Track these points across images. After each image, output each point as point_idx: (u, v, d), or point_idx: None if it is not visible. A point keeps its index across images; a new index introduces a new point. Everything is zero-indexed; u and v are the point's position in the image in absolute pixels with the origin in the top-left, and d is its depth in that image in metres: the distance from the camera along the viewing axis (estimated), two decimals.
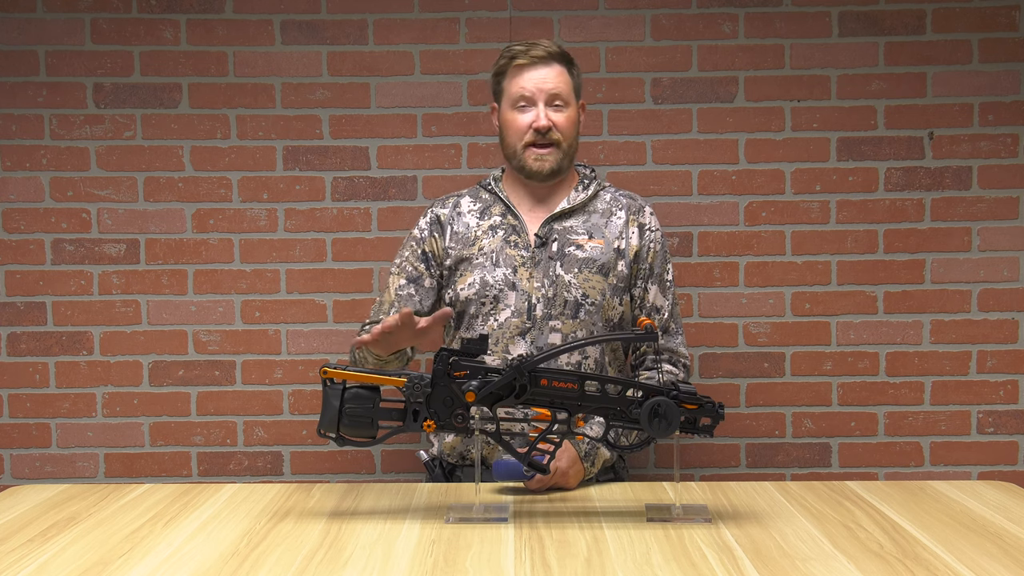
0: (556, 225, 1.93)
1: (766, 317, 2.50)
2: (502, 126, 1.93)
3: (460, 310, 1.92)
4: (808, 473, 2.51)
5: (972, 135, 2.48)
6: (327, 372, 1.48)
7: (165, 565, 1.30)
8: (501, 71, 1.92)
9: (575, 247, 1.91)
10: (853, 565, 1.27)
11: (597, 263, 1.91)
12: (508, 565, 1.28)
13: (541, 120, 1.86)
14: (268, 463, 2.51)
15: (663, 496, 1.62)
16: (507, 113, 1.91)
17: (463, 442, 1.91)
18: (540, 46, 1.90)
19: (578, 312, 1.88)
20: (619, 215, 1.97)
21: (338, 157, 2.48)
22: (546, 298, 1.88)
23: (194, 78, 2.47)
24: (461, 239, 1.94)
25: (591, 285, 1.89)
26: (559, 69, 1.90)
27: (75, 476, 2.50)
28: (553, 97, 1.87)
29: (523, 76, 1.88)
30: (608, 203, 1.98)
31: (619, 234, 1.95)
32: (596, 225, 1.94)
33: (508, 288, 1.89)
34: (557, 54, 1.91)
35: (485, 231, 1.93)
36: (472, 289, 1.90)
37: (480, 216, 1.96)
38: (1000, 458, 2.51)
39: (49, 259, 2.48)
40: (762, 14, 2.46)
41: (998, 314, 2.49)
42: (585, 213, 1.96)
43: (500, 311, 1.88)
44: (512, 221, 1.93)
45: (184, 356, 2.50)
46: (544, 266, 1.89)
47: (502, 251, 1.91)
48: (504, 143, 1.94)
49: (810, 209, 2.49)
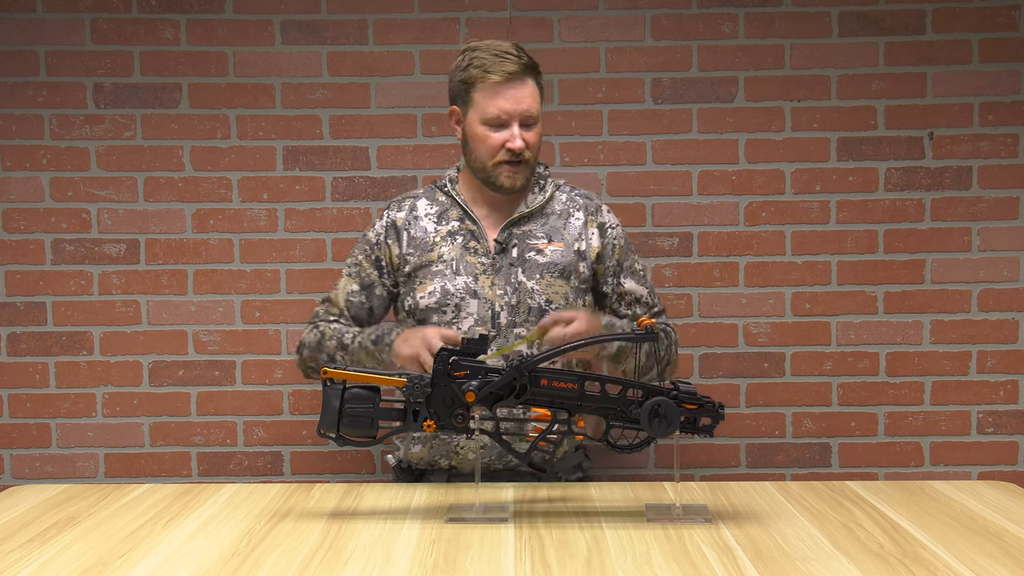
0: (515, 230, 1.92)
1: (766, 317, 2.50)
2: (470, 138, 1.89)
3: (420, 318, 1.90)
4: (808, 473, 2.51)
5: (972, 135, 2.48)
6: (327, 372, 1.48)
7: (165, 565, 1.30)
8: (470, 81, 1.86)
9: (535, 252, 1.90)
10: (853, 565, 1.27)
11: (558, 267, 1.90)
12: (508, 565, 1.28)
13: (517, 142, 1.84)
14: (268, 463, 2.51)
15: (663, 496, 1.62)
16: (477, 127, 1.86)
17: (430, 452, 1.90)
18: (510, 59, 1.84)
19: (542, 318, 1.86)
20: (577, 215, 1.96)
21: (338, 157, 2.48)
22: (509, 305, 1.87)
23: (194, 78, 2.47)
24: (419, 245, 1.92)
25: (554, 290, 1.89)
26: (531, 86, 1.86)
27: (75, 476, 2.50)
28: (527, 117, 1.85)
29: (499, 96, 1.83)
30: (565, 204, 1.97)
31: (578, 235, 1.94)
32: (555, 227, 1.93)
33: (470, 296, 1.87)
34: (528, 66, 1.86)
35: (444, 237, 1.91)
36: (433, 298, 1.88)
37: (437, 221, 1.93)
38: (1000, 458, 2.51)
39: (49, 259, 2.48)
40: (762, 14, 2.46)
41: (998, 314, 2.49)
42: (543, 216, 1.94)
43: (462, 319, 1.87)
44: (471, 227, 1.92)
45: (184, 356, 2.50)
46: (505, 273, 1.88)
47: (462, 259, 1.89)
48: (472, 155, 1.90)
49: (810, 209, 2.49)
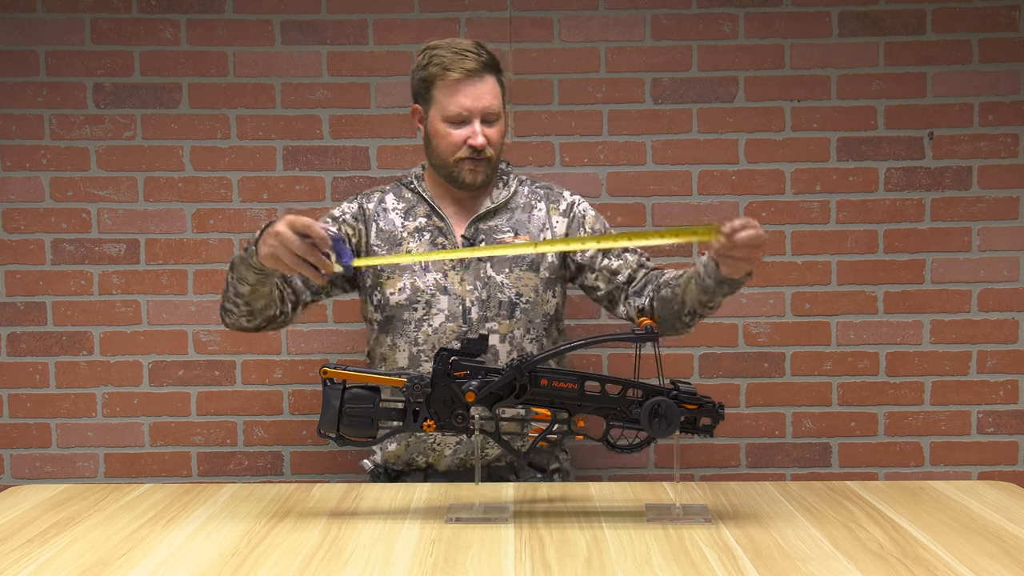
0: (481, 225, 1.94)
1: (766, 317, 2.50)
2: (432, 135, 1.91)
3: (389, 314, 1.91)
4: (808, 473, 2.51)
5: (972, 135, 2.48)
6: (327, 372, 1.48)
7: (165, 565, 1.30)
8: (430, 79, 1.88)
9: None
10: (853, 565, 1.27)
11: (526, 260, 1.93)
12: (508, 565, 1.28)
13: (478, 139, 1.85)
14: (268, 463, 2.51)
15: (663, 496, 1.61)
16: (438, 124, 1.88)
17: (407, 450, 1.91)
18: (469, 56, 1.85)
19: (513, 311, 1.90)
20: (539, 207, 1.98)
21: (338, 157, 2.48)
22: (480, 300, 1.89)
23: (194, 78, 2.47)
24: (387, 238, 1.94)
25: (523, 283, 1.91)
26: (492, 83, 1.88)
27: (75, 476, 2.50)
28: (488, 113, 1.87)
29: (458, 92, 1.85)
30: (527, 196, 2.00)
31: (542, 226, 1.97)
32: (520, 221, 1.96)
33: (440, 292, 1.89)
34: (488, 63, 1.87)
35: (411, 232, 1.93)
36: (403, 295, 1.89)
37: (404, 216, 1.95)
38: (1000, 458, 2.51)
39: (49, 259, 2.48)
40: (762, 14, 2.46)
41: (998, 314, 2.49)
42: (508, 210, 1.97)
43: (433, 316, 1.88)
44: (438, 223, 1.94)
45: (184, 356, 2.50)
46: (475, 268, 1.90)
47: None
48: (433, 153, 1.92)
49: (810, 209, 2.49)
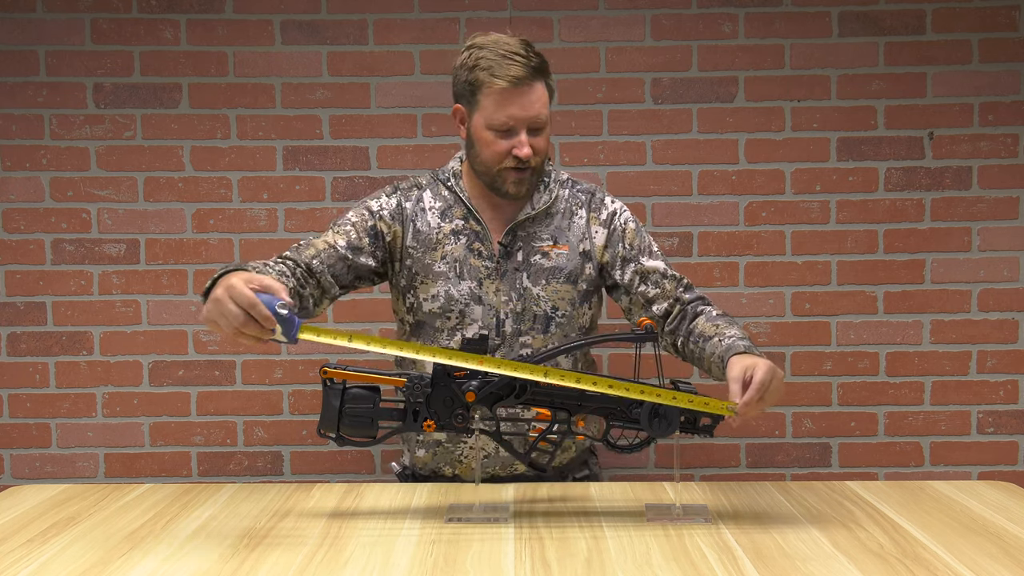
0: (520, 232, 1.87)
1: (766, 317, 2.50)
2: (475, 140, 1.82)
3: (421, 319, 1.86)
4: (808, 473, 2.51)
5: (972, 135, 2.48)
6: (327, 372, 1.48)
7: (165, 565, 1.30)
8: (475, 83, 1.78)
9: (540, 255, 1.86)
10: (853, 565, 1.27)
11: (564, 271, 1.86)
12: (508, 565, 1.28)
13: (524, 150, 1.77)
14: (268, 463, 2.51)
15: (663, 496, 1.61)
16: (483, 131, 1.80)
17: (434, 458, 1.89)
18: (517, 61, 1.74)
19: (548, 326, 1.83)
20: (580, 214, 1.90)
21: (338, 157, 2.48)
22: (515, 313, 1.83)
23: (194, 78, 2.47)
24: (424, 240, 1.87)
25: (560, 296, 1.85)
26: (540, 90, 1.78)
27: (75, 476, 2.50)
28: (535, 122, 1.79)
29: (506, 102, 1.76)
30: (568, 201, 1.91)
31: (582, 235, 1.89)
32: (560, 228, 1.88)
33: (474, 302, 1.83)
34: (537, 68, 1.78)
35: (447, 235, 1.86)
36: (436, 303, 1.84)
37: (441, 217, 1.88)
38: (1000, 458, 2.51)
39: (49, 259, 2.48)
40: (762, 14, 2.46)
41: (998, 314, 2.49)
42: (548, 216, 1.89)
43: (467, 326, 1.83)
44: (475, 227, 1.86)
45: (184, 356, 2.50)
46: (510, 278, 1.84)
47: (465, 261, 1.85)
48: (476, 159, 1.84)
49: (810, 209, 2.49)
